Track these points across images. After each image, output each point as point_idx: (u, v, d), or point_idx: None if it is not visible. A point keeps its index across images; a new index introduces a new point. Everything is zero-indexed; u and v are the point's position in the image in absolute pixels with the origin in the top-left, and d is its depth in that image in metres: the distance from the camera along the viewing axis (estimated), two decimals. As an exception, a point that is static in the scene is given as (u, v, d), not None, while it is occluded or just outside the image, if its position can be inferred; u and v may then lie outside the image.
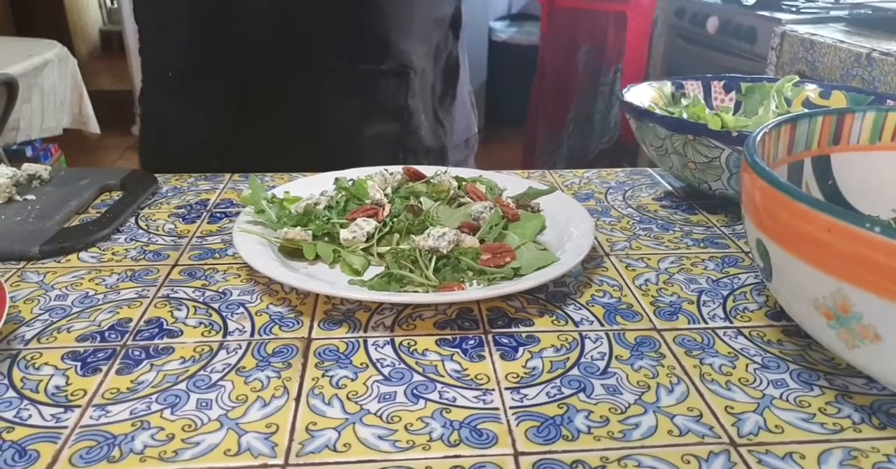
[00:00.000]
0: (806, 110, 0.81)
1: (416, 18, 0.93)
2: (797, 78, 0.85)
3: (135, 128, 3.82)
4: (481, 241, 0.61)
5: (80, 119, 2.71)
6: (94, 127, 2.77)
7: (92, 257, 0.63)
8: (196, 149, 0.94)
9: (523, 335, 0.52)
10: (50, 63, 2.50)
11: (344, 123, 0.94)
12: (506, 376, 0.47)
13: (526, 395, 0.45)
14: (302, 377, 0.47)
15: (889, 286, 0.36)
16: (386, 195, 0.68)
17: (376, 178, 0.69)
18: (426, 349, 0.50)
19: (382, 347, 0.50)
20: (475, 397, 0.45)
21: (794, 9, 2.14)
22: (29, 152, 2.80)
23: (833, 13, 2.10)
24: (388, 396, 0.45)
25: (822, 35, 1.80)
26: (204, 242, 0.66)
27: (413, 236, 0.60)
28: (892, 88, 1.53)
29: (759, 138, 0.51)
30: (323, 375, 0.47)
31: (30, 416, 0.43)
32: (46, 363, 0.48)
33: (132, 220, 0.71)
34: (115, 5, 6.13)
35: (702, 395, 0.45)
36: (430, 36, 0.97)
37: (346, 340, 0.51)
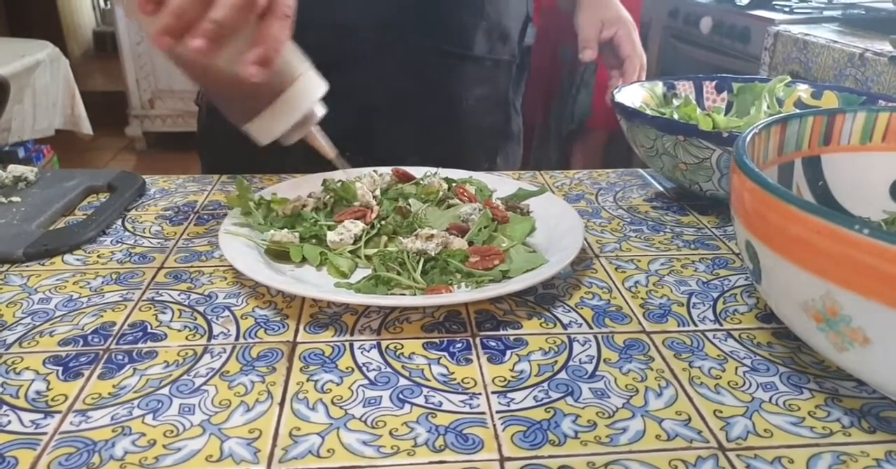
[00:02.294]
0: (797, 111, 0.81)
1: (520, 11, 0.99)
2: (789, 78, 0.85)
3: (128, 129, 3.81)
4: (470, 243, 0.60)
5: (73, 120, 2.70)
6: (86, 128, 2.75)
7: (77, 260, 0.62)
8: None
9: (511, 338, 0.51)
10: (42, 64, 2.48)
11: (468, 114, 0.97)
12: (493, 380, 0.46)
13: (513, 399, 0.44)
14: (286, 382, 0.46)
15: (878, 288, 0.36)
16: (375, 197, 0.67)
17: (365, 180, 0.69)
18: (413, 353, 0.49)
19: (368, 351, 0.50)
20: (461, 401, 0.44)
21: (787, 9, 2.14)
22: (21, 153, 2.77)
23: (826, 13, 2.10)
24: (373, 401, 0.44)
25: (816, 35, 1.80)
26: (190, 245, 0.66)
27: (401, 238, 0.59)
28: (884, 88, 1.53)
29: (748, 139, 0.51)
30: (308, 380, 0.46)
31: (9, 422, 0.42)
32: (27, 368, 0.47)
33: (118, 222, 0.71)
34: (109, 6, 6.13)
35: (690, 399, 0.45)
36: (521, 28, 1.01)
37: (331, 344, 0.50)
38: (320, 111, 0.63)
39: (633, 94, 0.83)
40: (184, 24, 0.51)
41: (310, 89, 0.61)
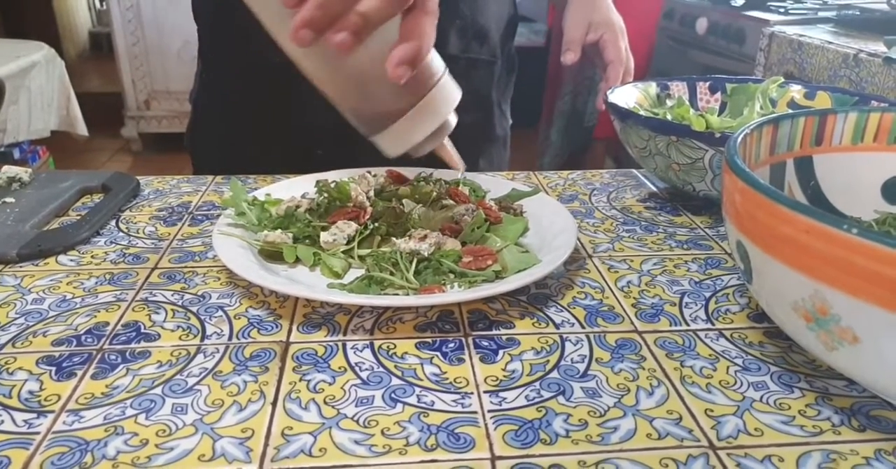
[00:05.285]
0: (789, 111, 0.81)
1: (502, 11, 0.99)
2: (782, 79, 0.85)
3: (124, 130, 3.80)
4: (463, 243, 0.60)
5: (68, 121, 2.70)
6: (81, 129, 2.76)
7: (71, 260, 0.63)
8: (295, 142, 0.92)
9: (503, 338, 0.51)
10: (37, 65, 2.49)
11: None
12: (485, 379, 0.47)
13: (505, 399, 0.45)
14: (279, 381, 0.46)
15: (866, 288, 0.36)
16: (368, 198, 0.67)
17: (359, 181, 0.69)
18: (405, 352, 0.50)
19: (361, 351, 0.50)
20: (454, 401, 0.44)
21: (782, 10, 2.14)
22: (16, 154, 2.78)
23: (821, 14, 2.10)
24: (365, 400, 0.44)
25: (810, 36, 1.80)
26: (184, 245, 0.66)
27: (394, 239, 0.59)
28: (878, 89, 1.53)
29: (740, 139, 0.51)
30: (300, 379, 0.46)
31: (2, 421, 0.42)
32: (20, 368, 0.47)
33: (112, 222, 0.71)
34: (104, 7, 6.11)
35: (682, 398, 0.45)
36: (504, 29, 1.02)
37: (324, 344, 0.50)
38: (454, 120, 0.57)
39: (627, 95, 0.83)
40: (329, 16, 0.47)
41: (449, 95, 0.55)
